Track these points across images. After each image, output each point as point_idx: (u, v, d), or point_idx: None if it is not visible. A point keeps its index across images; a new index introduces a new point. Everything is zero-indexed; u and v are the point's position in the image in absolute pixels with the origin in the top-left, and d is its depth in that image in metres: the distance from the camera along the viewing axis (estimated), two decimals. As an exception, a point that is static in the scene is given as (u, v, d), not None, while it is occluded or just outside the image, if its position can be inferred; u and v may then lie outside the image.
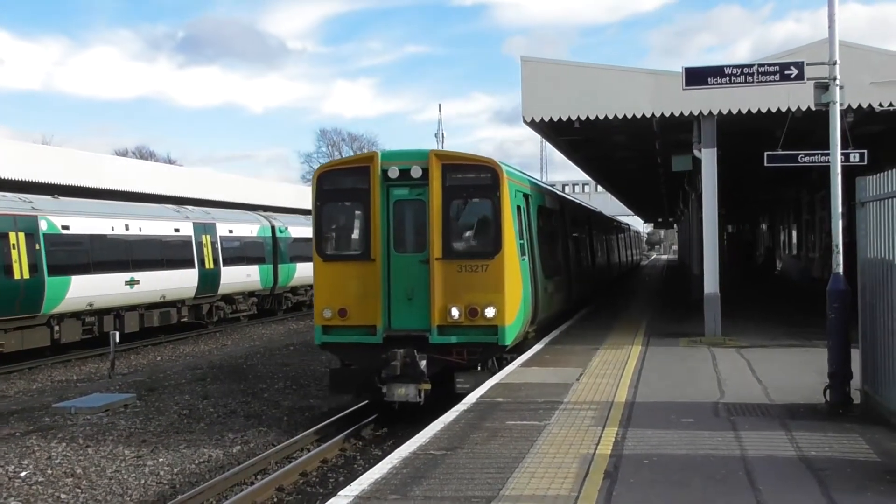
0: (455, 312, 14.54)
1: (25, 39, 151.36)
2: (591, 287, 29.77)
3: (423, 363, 14.24)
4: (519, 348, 16.90)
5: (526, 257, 16.39)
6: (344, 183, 15.77)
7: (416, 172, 14.83)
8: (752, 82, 13.34)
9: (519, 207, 16.14)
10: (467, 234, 15.51)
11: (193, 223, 32.76)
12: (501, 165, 15.18)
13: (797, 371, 13.75)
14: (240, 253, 36.35)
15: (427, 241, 14.93)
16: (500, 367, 15.55)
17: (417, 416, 13.75)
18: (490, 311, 14.46)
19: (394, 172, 14.89)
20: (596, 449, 9.03)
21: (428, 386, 14.31)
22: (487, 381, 14.00)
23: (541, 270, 18.07)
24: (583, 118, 18.40)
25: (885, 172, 9.90)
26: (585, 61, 20.02)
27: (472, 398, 12.14)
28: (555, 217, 22.95)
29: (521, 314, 15.68)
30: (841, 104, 11.87)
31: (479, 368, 15.00)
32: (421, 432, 9.92)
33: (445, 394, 14.18)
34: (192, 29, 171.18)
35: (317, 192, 15.98)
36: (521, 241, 16.01)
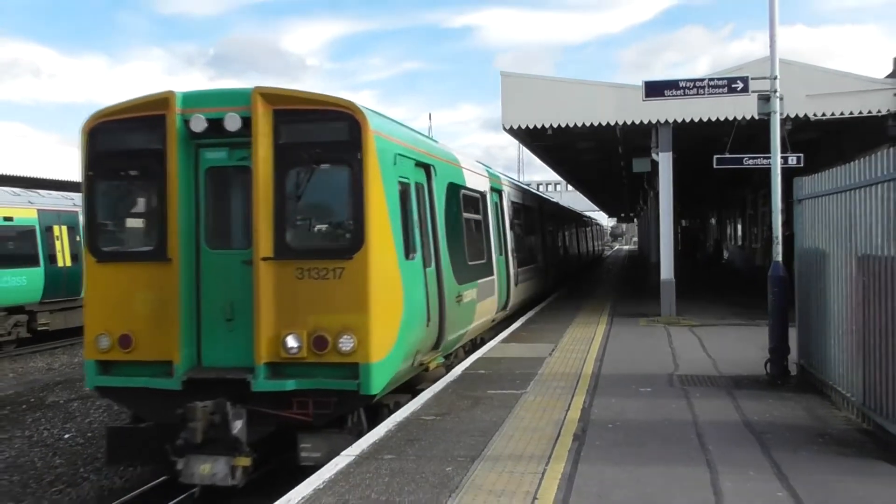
0: (292, 343, 8.26)
1: (70, 56, 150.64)
2: (561, 275, 28.92)
3: (239, 424, 8.10)
4: (423, 378, 10.94)
5: (418, 255, 9.92)
6: (129, 141, 8.97)
7: (232, 123, 8.48)
8: (704, 94, 13.40)
9: (405, 183, 9.78)
10: (313, 220, 8.96)
11: None
12: (365, 112, 8.58)
13: (742, 347, 13.79)
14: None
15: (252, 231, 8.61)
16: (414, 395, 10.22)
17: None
18: (346, 342, 8.20)
19: (198, 123, 8.55)
20: (566, 415, 9.05)
21: (247, 461, 8.10)
22: (471, 356, 13.31)
23: (451, 275, 11.37)
24: (555, 126, 18.36)
25: (819, 174, 9.95)
26: (560, 76, 19.95)
27: (458, 370, 12.03)
28: (506, 209, 17.09)
29: (404, 343, 9.06)
30: (780, 114, 11.95)
31: (348, 423, 8.63)
32: (413, 400, 9.91)
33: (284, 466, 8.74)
34: (221, 47, 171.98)
35: (87, 154, 9.08)
36: (412, 233, 9.84)
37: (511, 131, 19.36)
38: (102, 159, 9.05)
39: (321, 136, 8.60)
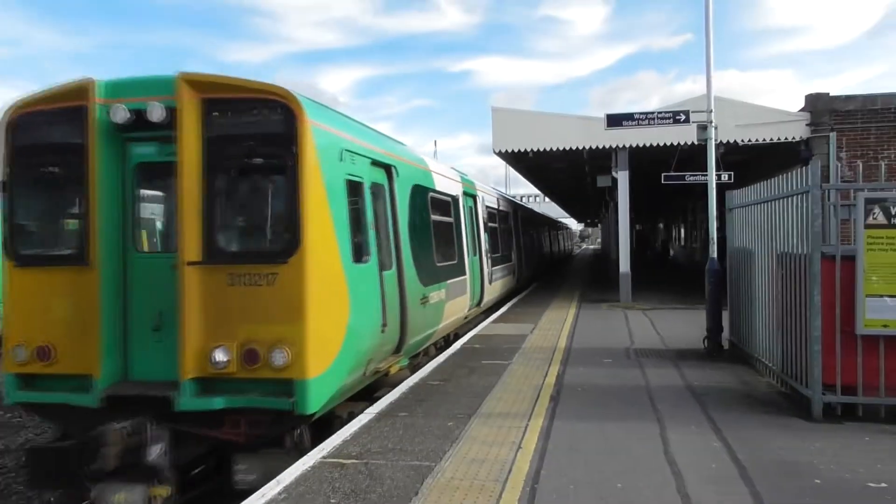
0: (221, 356, 6.21)
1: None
2: (535, 271, 27.37)
3: (158, 449, 6.15)
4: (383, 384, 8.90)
5: (372, 258, 7.76)
6: (49, 134, 6.74)
7: (155, 113, 6.36)
8: (654, 124, 13.41)
9: (357, 182, 7.56)
10: (245, 220, 6.79)
11: None
12: (302, 100, 6.42)
13: (684, 326, 13.78)
14: None
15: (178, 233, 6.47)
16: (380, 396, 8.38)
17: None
18: (280, 355, 6.18)
19: (120, 114, 6.43)
20: (544, 380, 9.04)
21: (165, 491, 6.11)
22: (468, 333, 13.21)
23: (415, 278, 9.27)
24: (535, 150, 18.34)
25: (746, 188, 9.94)
26: (539, 110, 19.88)
27: (458, 345, 12.01)
28: (480, 212, 15.13)
29: (350, 353, 6.97)
30: (715, 140, 11.97)
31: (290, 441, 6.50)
32: (422, 368, 9.90)
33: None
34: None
35: (9, 148, 6.84)
36: (365, 235, 7.72)
37: (500, 154, 19.33)
38: (21, 154, 6.76)
39: (253, 127, 6.39)
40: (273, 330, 6.19)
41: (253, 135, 6.41)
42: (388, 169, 8.78)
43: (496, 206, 17.84)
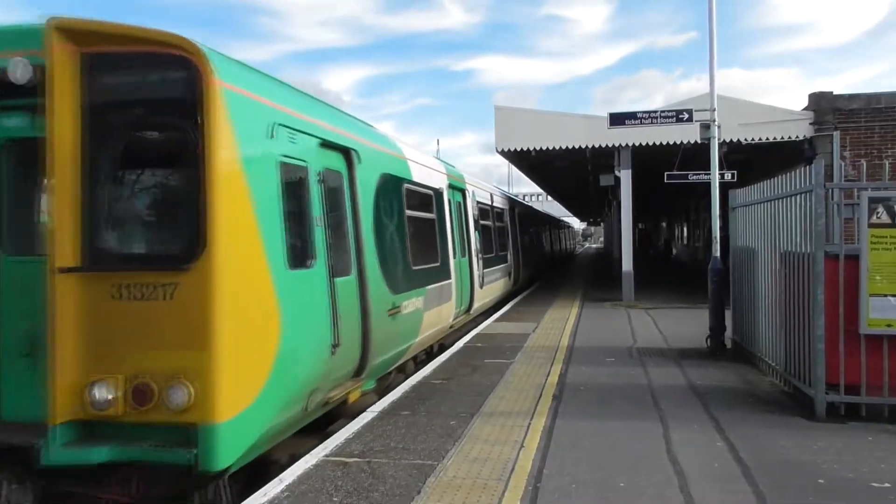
0: (102, 394, 4.64)
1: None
2: (535, 272, 26.14)
3: None
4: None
5: (320, 262, 6.27)
6: None
7: (19, 72, 4.63)
8: (657, 123, 13.36)
9: (297, 166, 6.06)
10: (135, 214, 5.17)
11: None
12: (210, 56, 4.81)
13: (687, 325, 13.74)
14: None
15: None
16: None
17: None
18: (179, 393, 4.61)
19: None
20: (546, 379, 9.03)
21: None
22: (472, 331, 13.11)
23: (381, 285, 7.78)
24: (537, 148, 18.32)
25: (749, 187, 9.93)
26: (542, 109, 19.84)
27: (459, 344, 12.00)
28: (470, 209, 13.67)
29: (282, 384, 5.46)
30: (718, 139, 11.92)
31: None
32: (423, 368, 9.90)
33: None
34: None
35: None
36: (308, 234, 6.16)
37: (503, 153, 19.31)
38: None
39: (146, 90, 4.85)
40: (171, 359, 4.67)
41: (146, 101, 4.87)
42: (346, 153, 7.19)
43: (489, 203, 16.38)
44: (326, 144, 6.73)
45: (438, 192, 11.31)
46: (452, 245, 11.81)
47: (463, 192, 13.45)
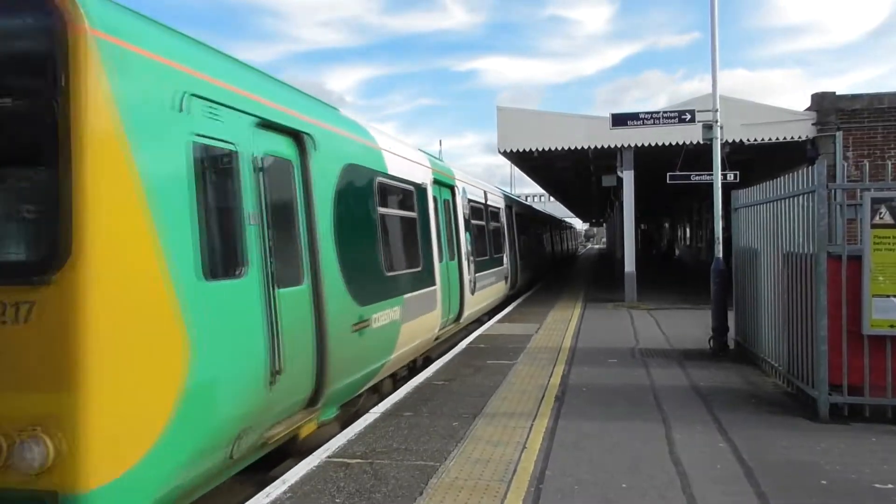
0: None
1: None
2: (535, 275, 25.57)
3: None
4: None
5: (252, 271, 4.98)
6: None
7: None
8: (659, 124, 13.36)
9: (218, 149, 4.73)
10: None
11: None
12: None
13: (689, 326, 13.73)
14: None
15: None
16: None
17: None
18: (33, 450, 3.27)
19: None
20: (549, 380, 9.02)
21: None
22: (475, 332, 12.96)
23: (344, 294, 6.59)
24: (540, 149, 18.32)
25: (752, 188, 9.91)
26: (545, 109, 19.78)
27: (462, 345, 11.99)
28: (460, 207, 12.49)
29: (191, 432, 4.15)
30: (720, 139, 11.91)
31: None
32: (426, 369, 9.89)
33: None
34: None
35: None
36: (236, 235, 4.89)
37: (505, 154, 19.31)
38: None
39: None
40: (25, 403, 3.50)
41: None
42: (297, 137, 5.98)
43: (482, 201, 15.24)
44: (268, 125, 5.49)
45: (421, 188, 10.03)
46: (438, 247, 10.58)
47: (452, 188, 12.29)
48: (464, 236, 12.62)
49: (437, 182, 11.06)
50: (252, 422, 5.02)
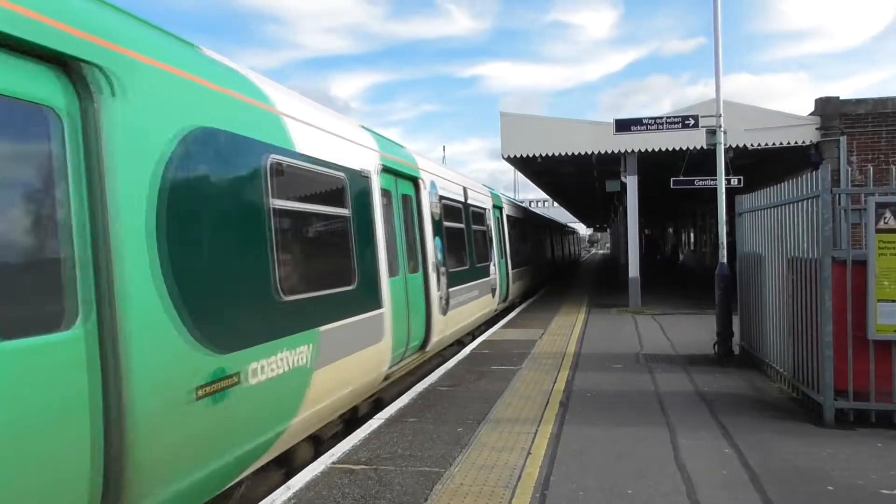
0: None
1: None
2: (534, 283, 24.13)
3: None
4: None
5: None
6: None
7: None
8: (663, 129, 13.34)
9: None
10: None
11: None
12: None
13: (694, 331, 13.71)
14: None
15: None
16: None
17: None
18: None
19: None
20: (553, 386, 9.02)
21: None
22: (477, 339, 12.89)
23: (181, 338, 3.93)
24: (543, 154, 18.33)
25: (756, 192, 9.89)
26: (548, 115, 19.76)
27: (467, 350, 11.98)
28: (425, 207, 9.91)
29: None
30: (724, 144, 11.90)
31: None
32: (430, 374, 9.88)
33: None
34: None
35: None
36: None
37: (509, 159, 19.33)
38: None
39: None
40: None
41: None
42: (64, 67, 3.52)
43: (461, 199, 12.64)
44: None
45: (359, 177, 7.40)
46: (388, 257, 8.13)
47: (415, 181, 9.75)
48: (431, 242, 10.11)
49: (388, 171, 8.51)
50: None
